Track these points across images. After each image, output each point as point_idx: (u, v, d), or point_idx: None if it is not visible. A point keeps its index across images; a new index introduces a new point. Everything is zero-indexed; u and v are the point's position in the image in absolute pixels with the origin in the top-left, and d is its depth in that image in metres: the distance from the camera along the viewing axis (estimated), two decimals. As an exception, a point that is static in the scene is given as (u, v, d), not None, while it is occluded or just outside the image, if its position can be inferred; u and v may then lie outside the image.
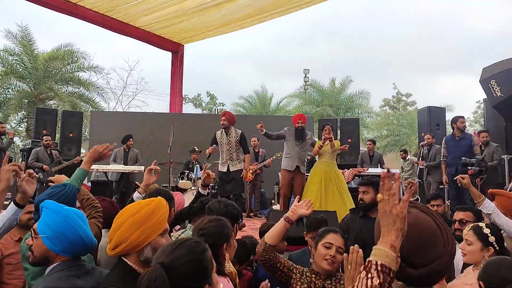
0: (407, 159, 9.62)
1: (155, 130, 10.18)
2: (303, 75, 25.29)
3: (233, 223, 2.26)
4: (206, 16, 10.84)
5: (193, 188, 7.08)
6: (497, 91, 7.37)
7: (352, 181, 7.69)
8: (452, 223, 2.97)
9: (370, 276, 0.97)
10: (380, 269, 0.97)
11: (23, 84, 18.16)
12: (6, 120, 17.18)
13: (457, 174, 6.31)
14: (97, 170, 7.88)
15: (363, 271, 0.98)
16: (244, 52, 49.80)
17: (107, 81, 21.52)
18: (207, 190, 3.16)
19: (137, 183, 2.90)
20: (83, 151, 10.56)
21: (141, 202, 1.55)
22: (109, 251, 1.50)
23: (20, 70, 17.88)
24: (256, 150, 8.40)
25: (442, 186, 7.06)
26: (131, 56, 36.57)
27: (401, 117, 23.60)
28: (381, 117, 24.72)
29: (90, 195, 2.32)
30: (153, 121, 10.91)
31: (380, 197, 1.04)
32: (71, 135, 9.65)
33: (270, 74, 46.00)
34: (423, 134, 8.84)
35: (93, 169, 7.78)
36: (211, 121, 11.46)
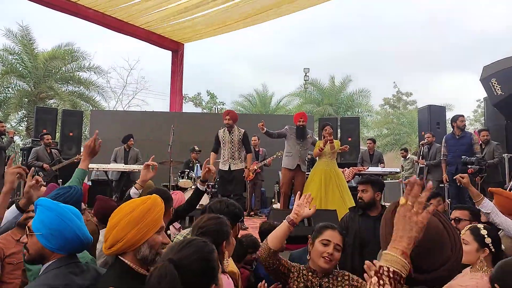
0: (407, 158, 9.62)
1: (155, 129, 10.18)
2: (303, 74, 25.28)
3: (235, 223, 2.26)
4: (206, 15, 10.84)
5: (193, 187, 7.10)
6: (498, 90, 7.37)
7: (352, 180, 7.70)
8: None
9: (382, 282, 0.97)
10: (392, 276, 0.97)
11: (23, 83, 18.16)
12: (6, 119, 17.19)
13: (457, 172, 6.32)
14: (98, 169, 7.89)
15: (375, 276, 0.98)
16: (244, 51, 49.76)
17: (107, 80, 21.55)
18: (205, 186, 3.12)
19: (137, 182, 2.89)
20: (83, 150, 10.57)
21: (136, 200, 1.54)
22: (105, 250, 1.48)
23: (20, 69, 17.89)
24: (256, 149, 8.40)
25: (442, 184, 7.07)
26: (131, 55, 36.65)
27: (401, 116, 23.56)
28: (381, 116, 24.71)
29: None
30: (153, 120, 10.91)
31: (403, 201, 1.01)
32: (71, 134, 9.67)
33: (270, 73, 45.97)
34: (423, 133, 8.84)
35: (93, 168, 7.79)
36: (211, 120, 11.46)
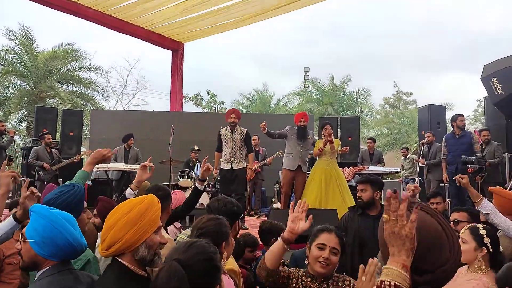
0: (407, 157, 9.63)
1: (156, 128, 10.18)
2: (303, 73, 25.26)
3: (233, 221, 2.27)
4: (206, 14, 10.83)
5: (193, 186, 7.07)
6: (498, 89, 7.36)
7: (352, 179, 7.70)
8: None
9: None
10: None
11: (24, 82, 18.18)
12: (6, 118, 17.19)
13: (457, 172, 6.33)
14: (98, 168, 7.89)
15: None
16: (244, 50, 49.78)
17: (107, 79, 21.54)
18: (204, 186, 3.11)
19: (133, 182, 2.88)
20: (83, 149, 10.56)
21: (133, 200, 1.52)
22: (102, 251, 1.46)
23: (20, 68, 17.89)
24: (256, 148, 8.40)
25: (442, 184, 7.07)
26: (131, 54, 36.61)
27: (401, 115, 23.56)
28: (381, 116, 24.70)
29: None
30: (153, 119, 10.91)
31: (386, 217, 1.02)
32: (71, 133, 9.67)
33: (270, 72, 45.97)
34: (423, 132, 8.84)
35: (93, 168, 7.78)
36: (211, 119, 11.46)
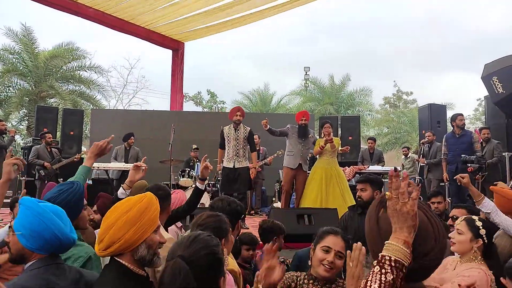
0: (408, 156, 9.63)
1: (156, 128, 10.19)
2: (303, 72, 25.28)
3: (236, 220, 2.30)
4: (206, 13, 10.83)
5: (193, 185, 7.07)
6: (499, 88, 7.35)
7: (353, 179, 7.70)
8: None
9: (384, 271, 0.97)
10: (394, 264, 0.97)
11: (24, 82, 18.17)
12: (7, 118, 17.19)
13: (457, 171, 6.33)
14: (98, 168, 7.90)
15: (377, 266, 0.99)
16: (244, 50, 49.81)
17: (108, 79, 21.56)
18: (205, 185, 3.10)
19: (125, 182, 2.88)
20: (83, 149, 10.57)
21: (132, 198, 1.50)
22: (100, 251, 1.44)
23: (21, 68, 17.89)
24: (257, 148, 8.39)
25: (442, 183, 7.08)
26: (131, 54, 36.59)
27: (402, 114, 23.56)
28: (381, 115, 24.69)
29: None
30: (153, 119, 10.91)
31: (388, 195, 1.04)
32: (72, 133, 9.68)
33: (271, 71, 45.98)
34: (424, 131, 8.84)
35: (94, 167, 7.79)
36: (211, 119, 11.47)
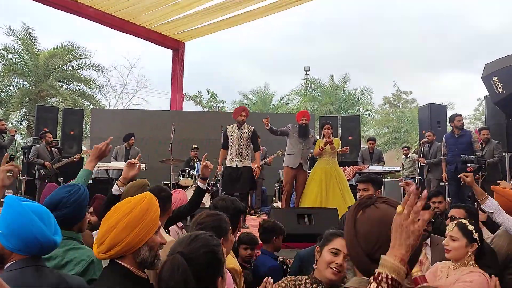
0: (408, 156, 9.65)
1: (156, 127, 10.19)
2: (303, 72, 25.29)
3: (239, 216, 2.35)
4: (206, 13, 10.84)
5: (194, 185, 7.11)
6: (499, 88, 7.34)
7: (353, 179, 7.70)
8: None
9: None
10: (390, 283, 0.98)
11: (24, 81, 18.18)
12: (7, 118, 17.18)
13: (457, 171, 6.33)
14: (98, 167, 7.91)
15: (373, 282, 1.00)
16: (244, 49, 49.74)
17: (108, 78, 21.56)
18: (206, 184, 3.08)
19: (119, 179, 2.87)
20: (84, 148, 10.58)
21: (132, 199, 1.47)
22: (101, 254, 1.40)
23: (21, 67, 17.89)
24: (259, 147, 8.39)
25: (442, 183, 7.08)
26: (131, 53, 36.60)
27: (402, 114, 23.57)
28: (381, 115, 24.70)
29: None
30: (153, 118, 10.91)
31: (400, 209, 1.03)
32: (72, 132, 9.69)
33: (271, 71, 45.98)
34: (424, 131, 8.85)
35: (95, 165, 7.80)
36: (211, 118, 11.47)
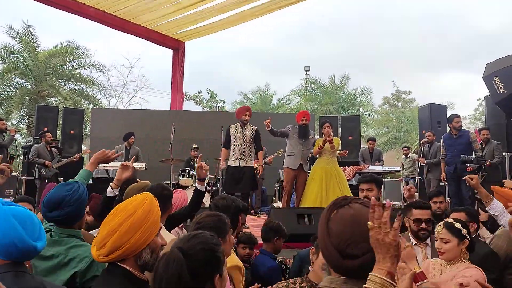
0: (408, 156, 9.65)
1: (156, 127, 10.19)
2: (303, 72, 25.26)
3: (240, 214, 2.38)
4: (207, 12, 10.84)
5: (194, 185, 7.10)
6: (501, 88, 7.33)
7: (353, 178, 7.70)
8: None
9: None
10: None
11: (25, 81, 18.17)
12: (7, 117, 17.17)
13: (456, 172, 6.33)
14: (98, 167, 7.91)
15: None
16: (244, 49, 49.76)
17: (108, 78, 21.54)
18: (205, 185, 3.07)
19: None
20: (84, 148, 10.58)
21: (133, 201, 1.46)
22: (102, 257, 1.38)
23: (21, 67, 17.88)
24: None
25: (442, 183, 7.07)
26: (132, 53, 36.58)
27: (401, 114, 23.56)
28: (381, 115, 24.68)
29: None
30: (154, 118, 10.91)
31: (370, 225, 1.05)
32: (72, 132, 9.68)
33: (271, 71, 45.99)
34: (424, 131, 8.85)
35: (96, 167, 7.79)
36: (212, 118, 11.46)
